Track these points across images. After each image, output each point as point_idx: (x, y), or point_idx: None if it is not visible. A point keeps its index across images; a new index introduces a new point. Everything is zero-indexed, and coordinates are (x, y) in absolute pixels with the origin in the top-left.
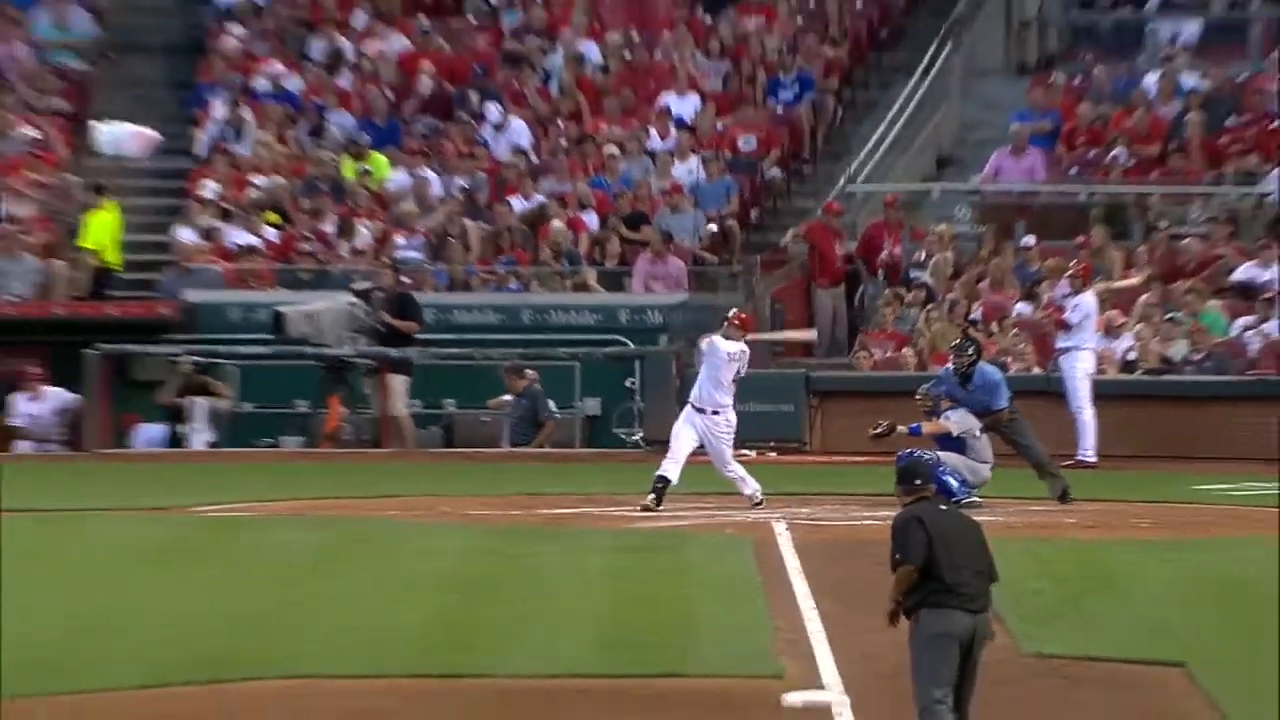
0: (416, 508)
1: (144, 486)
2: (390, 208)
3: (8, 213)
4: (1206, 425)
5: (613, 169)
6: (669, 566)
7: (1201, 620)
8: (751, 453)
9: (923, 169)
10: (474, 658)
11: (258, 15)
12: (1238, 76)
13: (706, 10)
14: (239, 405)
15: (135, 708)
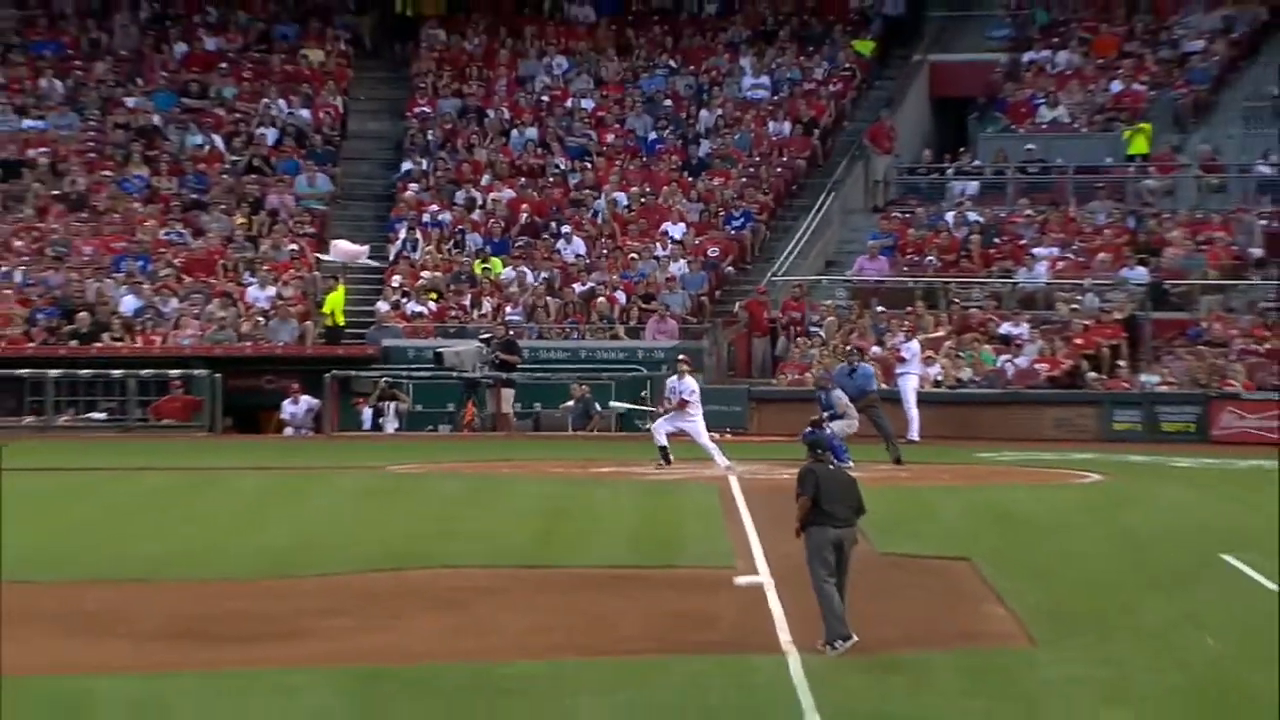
0: (519, 468)
1: (358, 455)
2: (502, 290)
3: (278, 293)
4: (983, 419)
5: (634, 267)
6: (667, 502)
7: (980, 533)
8: (718, 435)
9: (817, 268)
10: (554, 555)
11: (424, 177)
12: (1000, 214)
13: (689, 174)
14: (413, 407)
15: (348, 585)
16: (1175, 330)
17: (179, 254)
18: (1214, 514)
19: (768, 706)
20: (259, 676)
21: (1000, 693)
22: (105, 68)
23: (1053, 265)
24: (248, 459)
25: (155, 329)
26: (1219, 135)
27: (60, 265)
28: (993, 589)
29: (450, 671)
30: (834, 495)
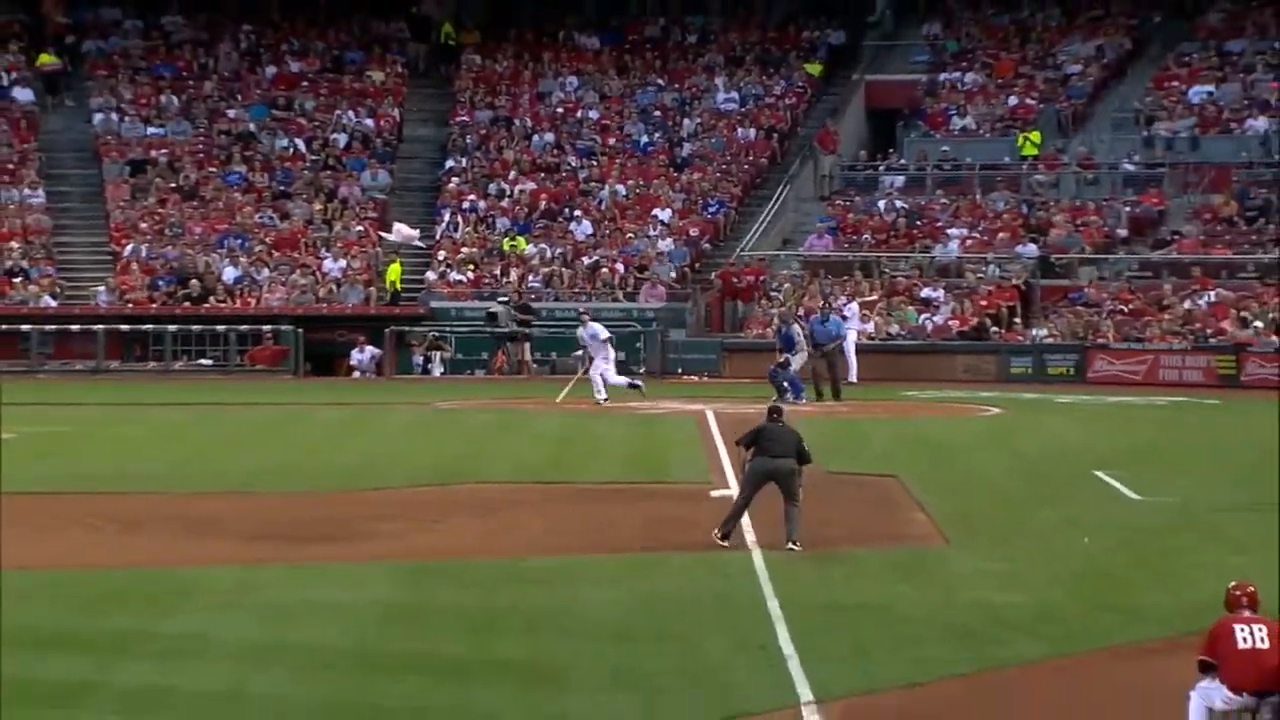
0: (538, 403)
1: (411, 394)
2: (526, 262)
3: (348, 264)
4: (908, 365)
5: (630, 244)
6: (656, 431)
7: (905, 456)
8: (695, 378)
9: (776, 245)
10: (565, 473)
11: (464, 172)
12: (921, 202)
13: (675, 170)
14: (455, 355)
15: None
16: (1059, 294)
17: (269, 234)
18: (1089, 440)
19: (738, 592)
20: (331, 569)
21: (921, 581)
22: (212, 86)
23: (963, 243)
24: (323, 397)
25: (250, 293)
26: (1093, 139)
27: (176, 243)
28: (915, 500)
29: (484, 566)
30: (769, 440)
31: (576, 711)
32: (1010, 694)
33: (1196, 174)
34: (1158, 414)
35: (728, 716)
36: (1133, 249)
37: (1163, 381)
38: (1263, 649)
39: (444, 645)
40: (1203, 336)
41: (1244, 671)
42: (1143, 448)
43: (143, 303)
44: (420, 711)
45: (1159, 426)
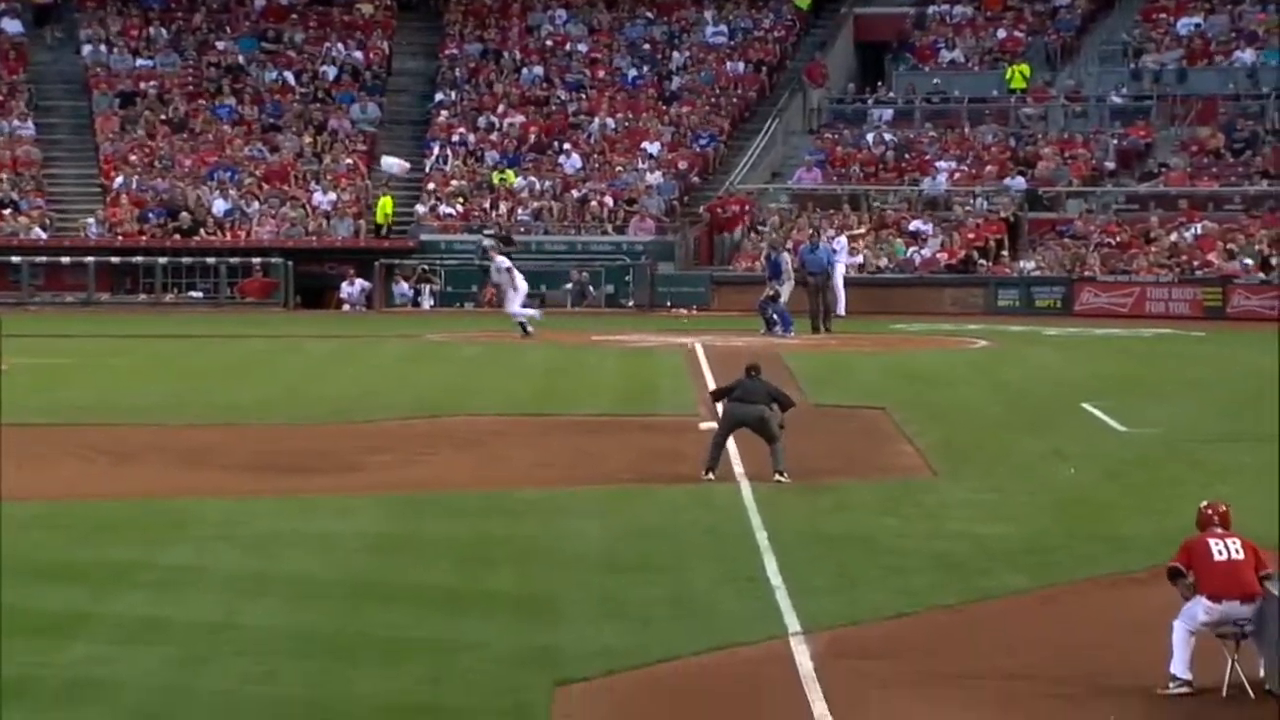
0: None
1: (401, 327)
2: (515, 196)
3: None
4: (896, 298)
5: (619, 177)
6: (645, 363)
7: (892, 387)
8: (685, 311)
9: (764, 178)
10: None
11: (453, 105)
12: (910, 135)
13: (663, 103)
14: (444, 287)
15: (393, 429)
16: (1047, 227)
17: (259, 167)
18: (1075, 372)
19: (726, 523)
20: (322, 500)
21: (908, 512)
22: (201, 18)
23: (951, 176)
24: (313, 330)
25: (240, 226)
26: (1081, 72)
27: (166, 175)
28: (902, 431)
29: (473, 497)
30: (749, 392)
31: (566, 641)
32: (996, 624)
33: (1184, 106)
34: (1144, 346)
35: (716, 646)
36: (1120, 182)
37: (1149, 314)
38: (1238, 559)
39: (434, 576)
40: (1189, 269)
41: (1222, 581)
42: (1129, 379)
43: (133, 235)
44: (411, 642)
45: (1145, 358)
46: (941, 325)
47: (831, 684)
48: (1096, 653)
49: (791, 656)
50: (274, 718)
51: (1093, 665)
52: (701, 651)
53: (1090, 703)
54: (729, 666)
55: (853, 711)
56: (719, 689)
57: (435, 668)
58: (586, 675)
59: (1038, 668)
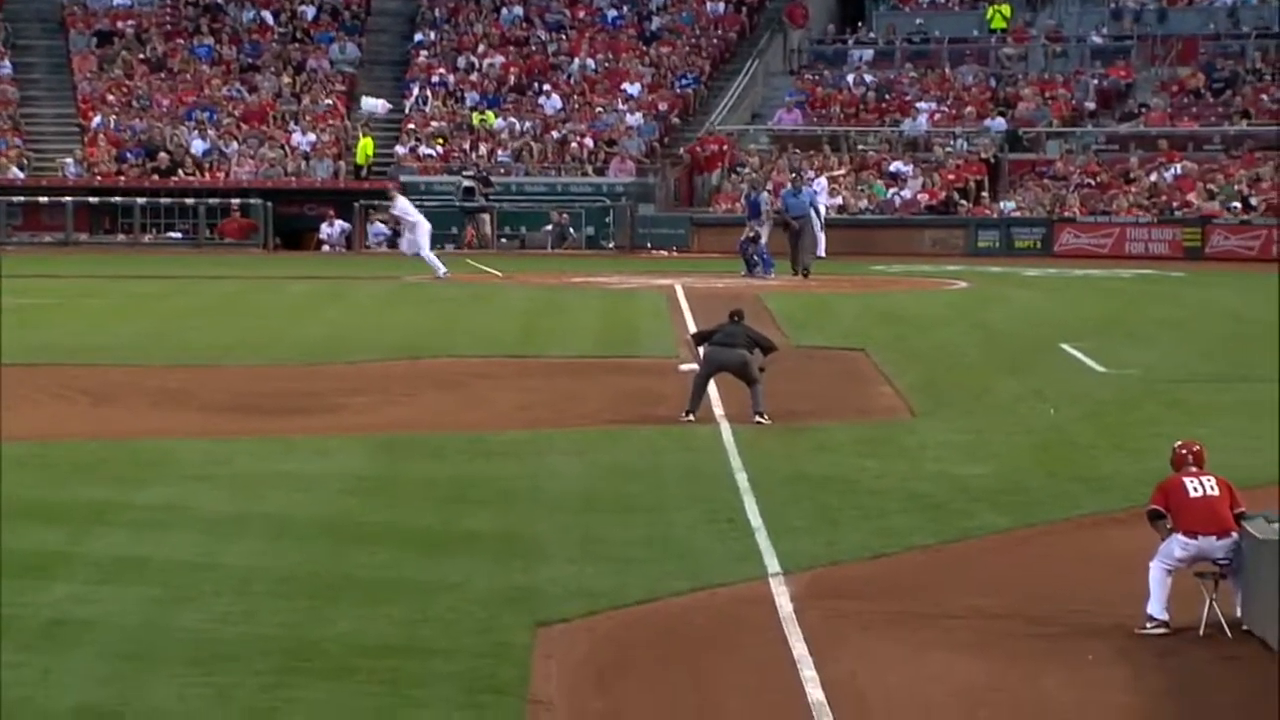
0: (508, 278)
1: (381, 268)
2: (495, 137)
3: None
4: (876, 239)
5: (599, 118)
6: (625, 305)
7: (872, 329)
8: (664, 252)
9: (745, 119)
10: (535, 347)
11: (433, 46)
12: (890, 75)
13: (644, 44)
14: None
15: (372, 370)
16: (1026, 168)
17: (238, 107)
18: (1055, 312)
19: (706, 465)
20: (302, 441)
21: (887, 453)
22: None
23: (931, 116)
24: (293, 270)
25: (219, 166)
26: (1061, 12)
27: (144, 115)
28: (882, 373)
29: (454, 439)
30: (730, 335)
31: (546, 582)
32: (975, 564)
33: (1164, 46)
34: (1123, 286)
35: (696, 587)
36: (1100, 122)
37: (1129, 254)
38: (1214, 496)
39: (414, 517)
40: (1168, 209)
41: (1199, 516)
42: (1108, 320)
43: (111, 175)
44: (391, 582)
45: (1124, 299)
46: (921, 266)
47: (811, 624)
48: (1075, 593)
49: (771, 597)
50: (255, 657)
51: (1071, 605)
52: (682, 592)
53: (1068, 642)
54: (709, 607)
55: (832, 652)
56: (699, 629)
57: (415, 608)
58: (567, 616)
59: (1016, 608)
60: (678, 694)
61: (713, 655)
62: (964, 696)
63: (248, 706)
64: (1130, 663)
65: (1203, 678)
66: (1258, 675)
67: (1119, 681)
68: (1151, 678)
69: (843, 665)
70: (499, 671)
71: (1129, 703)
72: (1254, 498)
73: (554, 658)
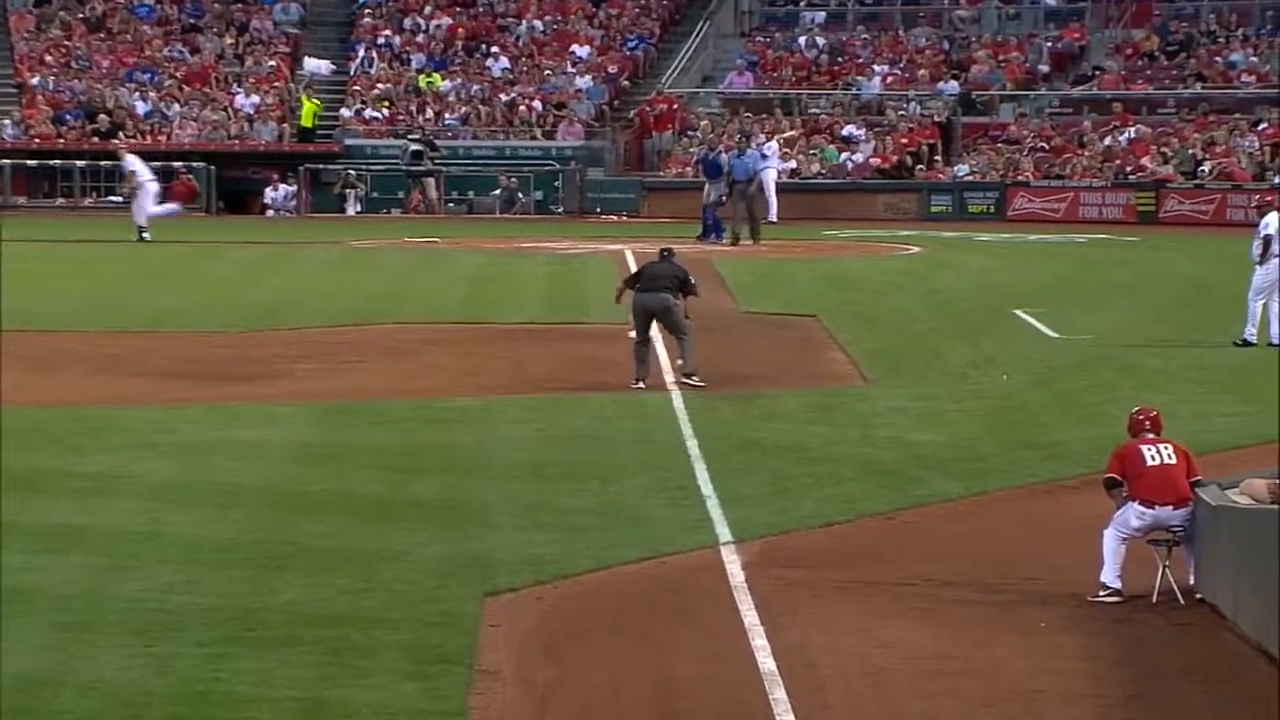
0: (455, 243)
1: (326, 233)
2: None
3: (261, 100)
4: (828, 204)
5: (548, 81)
6: (574, 271)
7: (825, 295)
8: (614, 217)
9: (695, 82)
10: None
11: (378, 6)
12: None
13: (593, 5)
14: (371, 193)
15: (319, 336)
16: (980, 131)
17: (179, 68)
18: (1008, 278)
19: (657, 432)
20: (248, 409)
21: (840, 420)
22: None
23: (884, 80)
24: (237, 235)
25: (161, 129)
26: None
27: (83, 76)
28: (834, 339)
29: (401, 406)
30: (654, 277)
31: (495, 551)
32: (928, 532)
33: (1118, 8)
34: (1077, 251)
35: (646, 556)
36: (1054, 85)
37: (1083, 219)
38: (1171, 464)
39: (362, 485)
40: (1123, 173)
41: (1155, 485)
42: (1061, 285)
43: (49, 137)
44: (338, 551)
45: (1078, 264)
46: (874, 231)
47: (762, 593)
48: (1027, 560)
49: (722, 565)
50: (197, 626)
51: (1024, 572)
52: (632, 561)
53: (1020, 609)
54: (659, 576)
55: (784, 620)
56: (649, 598)
57: (362, 578)
58: (515, 585)
59: (969, 575)
60: (627, 663)
61: (663, 624)
62: (915, 664)
63: (190, 677)
64: (1082, 630)
65: (1155, 645)
66: (1209, 642)
67: (1071, 649)
68: (1103, 645)
69: (794, 634)
70: (446, 641)
71: (1081, 669)
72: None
73: (502, 627)
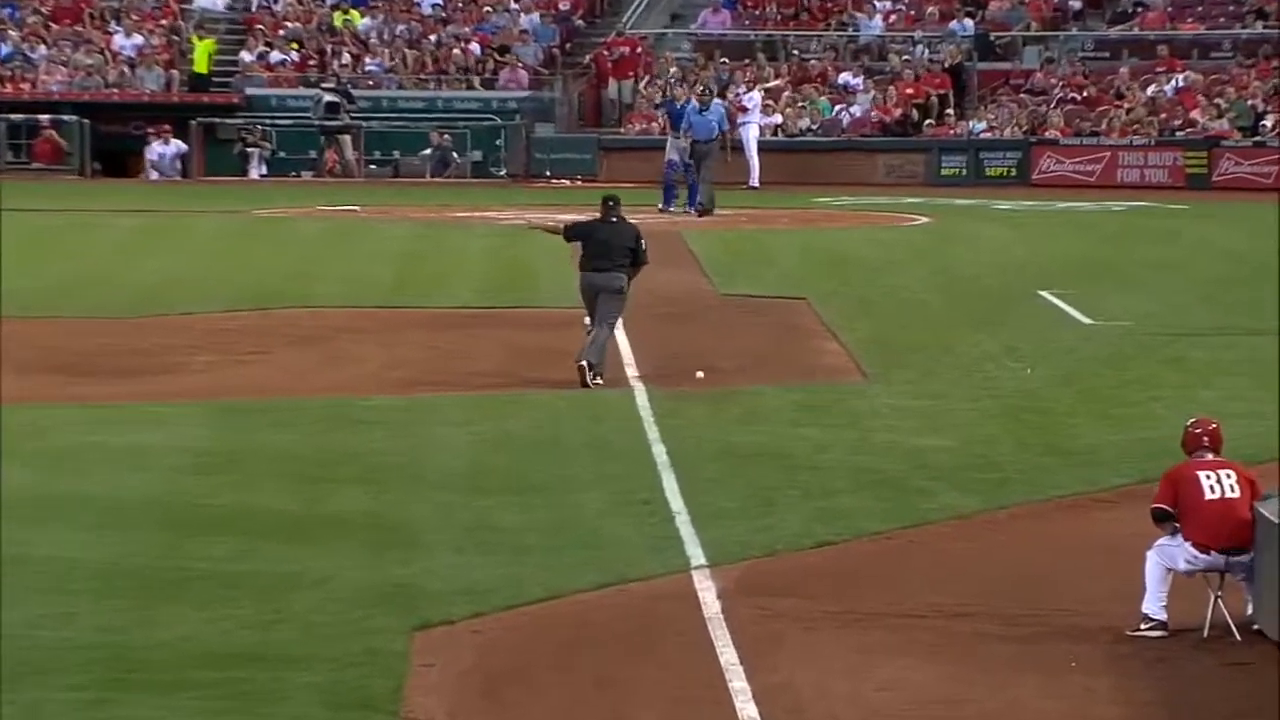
0: (378, 212)
1: (224, 200)
2: (362, 41)
3: (145, 41)
4: (820, 166)
5: (488, 20)
6: (521, 245)
7: (816, 274)
8: (566, 181)
9: (663, 22)
10: (412, 296)
11: None
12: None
13: None
14: (277, 153)
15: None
16: (999, 80)
17: (46, 3)
18: (1032, 253)
19: (617, 436)
20: (133, 409)
21: (833, 422)
22: None
23: (886, 19)
24: (116, 202)
25: (25, 75)
26: None
27: None
28: (826, 326)
29: (313, 405)
30: (604, 248)
31: (427, 576)
32: (936, 554)
33: None
34: (1114, 222)
35: (605, 583)
36: (1087, 25)
37: (1120, 183)
38: (1234, 499)
39: (267, 499)
40: (1169, 129)
41: (1213, 526)
42: (1095, 262)
43: None
44: (239, 577)
45: (1115, 237)
46: (874, 199)
47: (741, 626)
48: (1053, 587)
49: (695, 593)
50: (69, 669)
51: (1049, 602)
52: (587, 588)
53: (1045, 645)
54: (620, 606)
55: (766, 658)
56: (608, 633)
57: (268, 609)
58: (450, 617)
59: (984, 605)
60: (581, 709)
61: (624, 663)
62: (922, 710)
63: None
64: (1119, 670)
65: (1204, 688)
66: (1268, 685)
67: (1105, 692)
68: (1143, 688)
69: (779, 674)
70: (369, 683)
71: (1117, 716)
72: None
73: (435, 666)
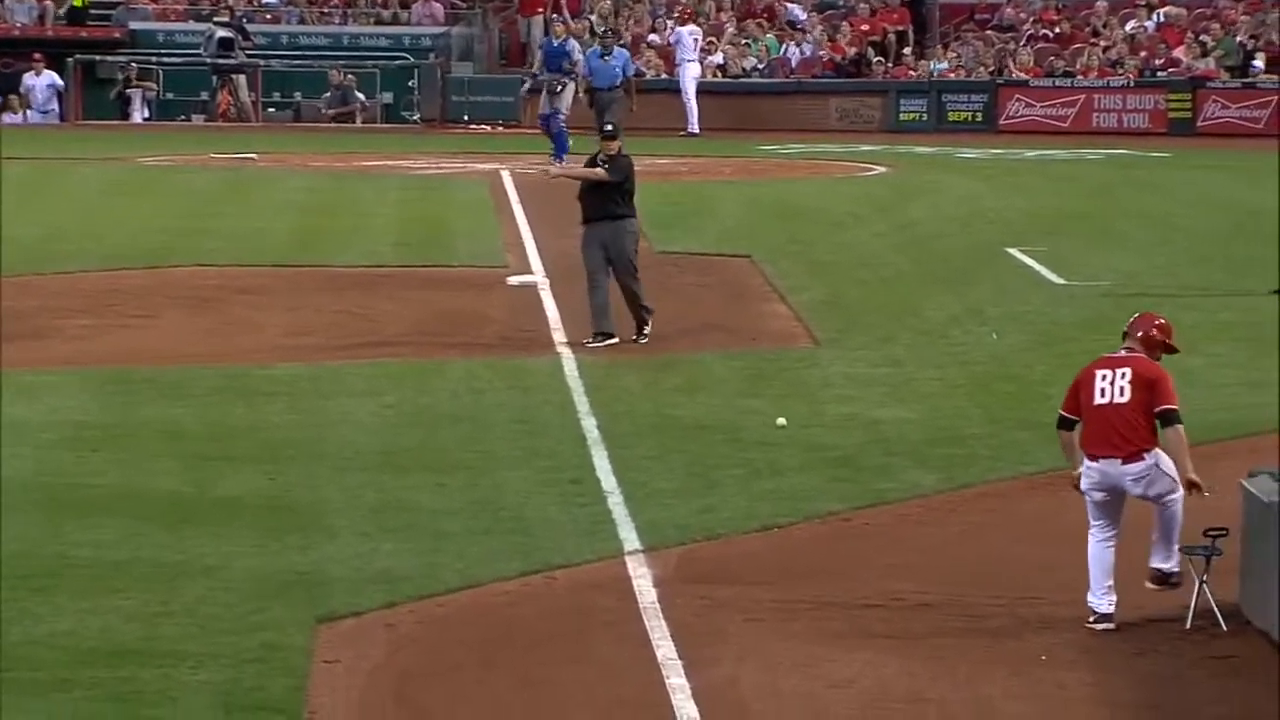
0: (277, 160)
1: (105, 146)
2: None
3: None
4: (766, 110)
5: None
6: (437, 198)
7: (762, 229)
8: (488, 127)
9: None
10: (316, 254)
11: None
12: None
13: None
14: (164, 95)
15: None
16: (963, 14)
17: None
18: (1000, 206)
19: (542, 408)
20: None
21: (781, 392)
22: None
23: None
24: None
25: None
26: None
27: None
28: (774, 287)
29: (204, 374)
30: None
31: (332, 563)
32: (895, 537)
33: None
34: (1090, 171)
35: (530, 570)
36: None
37: (1097, 129)
38: (1121, 403)
39: (154, 478)
40: (1149, 69)
41: (1095, 434)
42: (1069, 216)
43: None
44: (124, 565)
45: (1091, 189)
46: (825, 146)
47: (681, 617)
48: (1024, 574)
49: (629, 581)
50: None
51: (1019, 590)
52: (511, 577)
53: (1014, 638)
54: (547, 596)
55: (708, 652)
56: (533, 626)
57: (156, 599)
58: (358, 609)
59: (948, 593)
60: (504, 710)
61: (551, 659)
62: (880, 708)
63: None
64: (1094, 665)
65: (1187, 684)
66: (1256, 680)
67: (1079, 689)
68: (1121, 684)
69: (722, 670)
70: (267, 682)
71: (1091, 715)
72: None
73: (341, 663)
